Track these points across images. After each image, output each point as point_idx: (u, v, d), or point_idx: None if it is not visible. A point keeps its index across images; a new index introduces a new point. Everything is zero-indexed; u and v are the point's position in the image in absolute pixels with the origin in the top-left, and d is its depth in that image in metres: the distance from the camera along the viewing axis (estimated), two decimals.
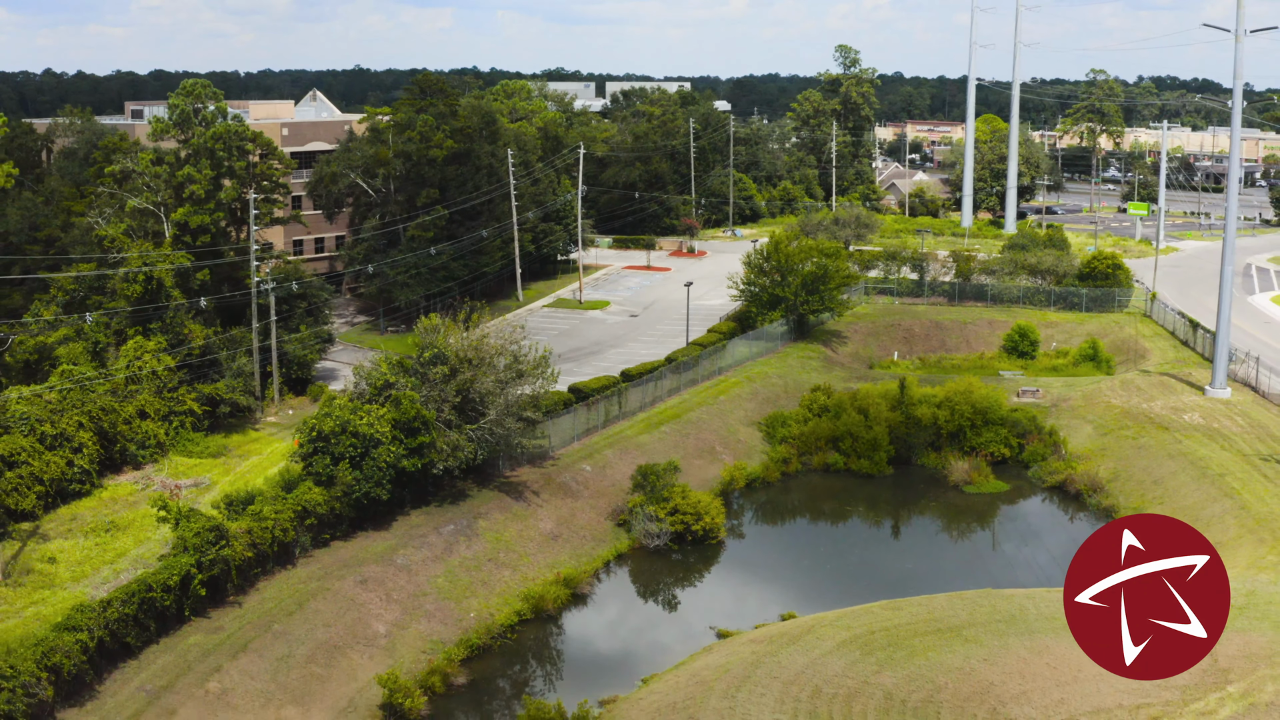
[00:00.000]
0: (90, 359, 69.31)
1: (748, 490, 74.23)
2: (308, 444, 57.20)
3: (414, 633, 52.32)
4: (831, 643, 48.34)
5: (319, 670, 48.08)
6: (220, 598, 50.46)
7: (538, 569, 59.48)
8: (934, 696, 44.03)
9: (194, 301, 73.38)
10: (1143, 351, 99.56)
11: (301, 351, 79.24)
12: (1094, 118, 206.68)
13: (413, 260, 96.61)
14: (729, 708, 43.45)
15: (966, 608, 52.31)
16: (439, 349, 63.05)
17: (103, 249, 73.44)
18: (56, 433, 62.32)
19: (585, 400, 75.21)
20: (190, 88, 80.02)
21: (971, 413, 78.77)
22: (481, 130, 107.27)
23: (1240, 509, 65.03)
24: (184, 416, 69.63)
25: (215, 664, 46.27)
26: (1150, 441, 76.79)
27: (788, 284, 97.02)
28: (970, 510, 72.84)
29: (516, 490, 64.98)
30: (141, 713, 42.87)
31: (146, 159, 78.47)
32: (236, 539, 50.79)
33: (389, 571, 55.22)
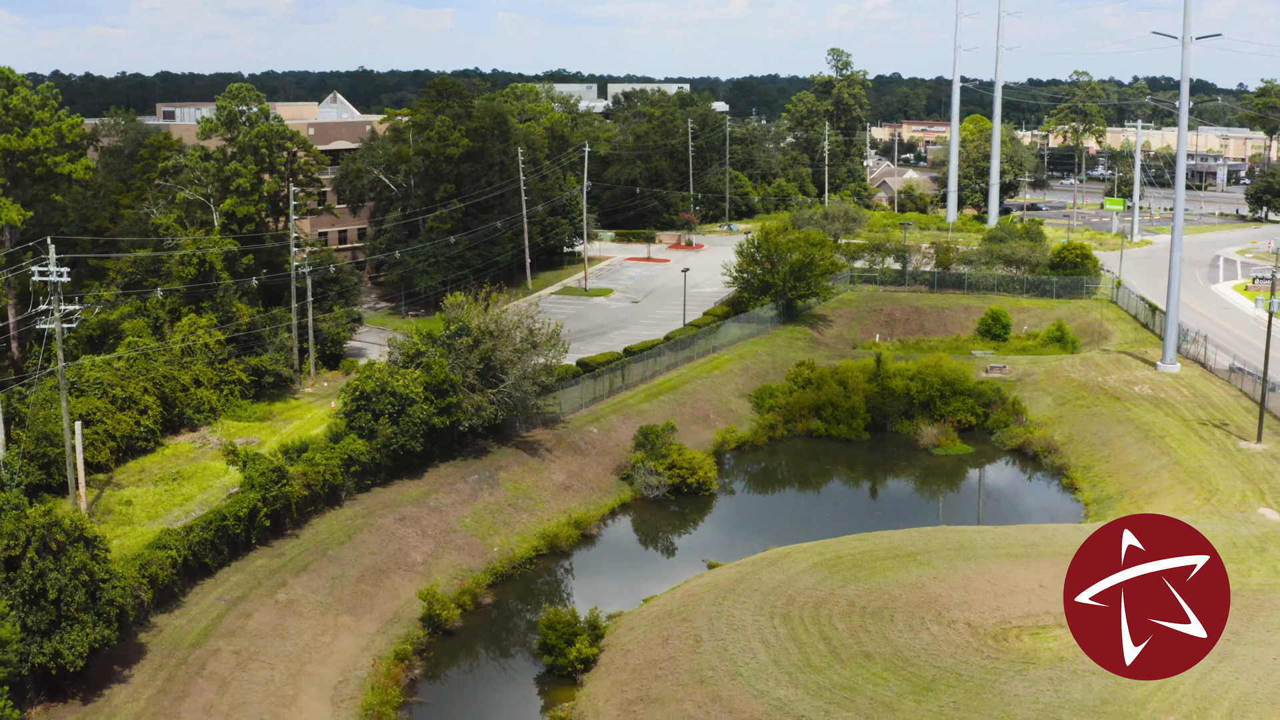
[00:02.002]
0: (151, 333, 77.50)
1: (738, 452, 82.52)
2: (351, 402, 65.46)
3: (446, 562, 60.57)
4: (804, 564, 56.62)
5: (367, 588, 56.34)
6: (281, 530, 58.67)
7: (551, 514, 67.77)
8: (889, 604, 52.26)
9: (241, 283, 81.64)
10: (1106, 333, 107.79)
11: (334, 330, 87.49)
12: (1077, 118, 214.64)
13: (431, 249, 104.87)
14: (717, 611, 51.72)
15: (922, 539, 60.64)
16: (463, 322, 71.32)
17: (158, 236, 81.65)
18: (125, 396, 70.48)
19: (592, 372, 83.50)
20: (236, 91, 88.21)
21: (941, 384, 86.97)
22: (494, 130, 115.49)
23: (1174, 464, 73.23)
24: (233, 385, 77.82)
25: (281, 580, 54.53)
26: (1102, 410, 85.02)
27: (777, 271, 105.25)
28: (937, 469, 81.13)
29: (532, 448, 73.27)
30: (222, 617, 51.09)
31: (196, 155, 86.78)
32: (294, 480, 59.04)
33: (423, 512, 63.51)
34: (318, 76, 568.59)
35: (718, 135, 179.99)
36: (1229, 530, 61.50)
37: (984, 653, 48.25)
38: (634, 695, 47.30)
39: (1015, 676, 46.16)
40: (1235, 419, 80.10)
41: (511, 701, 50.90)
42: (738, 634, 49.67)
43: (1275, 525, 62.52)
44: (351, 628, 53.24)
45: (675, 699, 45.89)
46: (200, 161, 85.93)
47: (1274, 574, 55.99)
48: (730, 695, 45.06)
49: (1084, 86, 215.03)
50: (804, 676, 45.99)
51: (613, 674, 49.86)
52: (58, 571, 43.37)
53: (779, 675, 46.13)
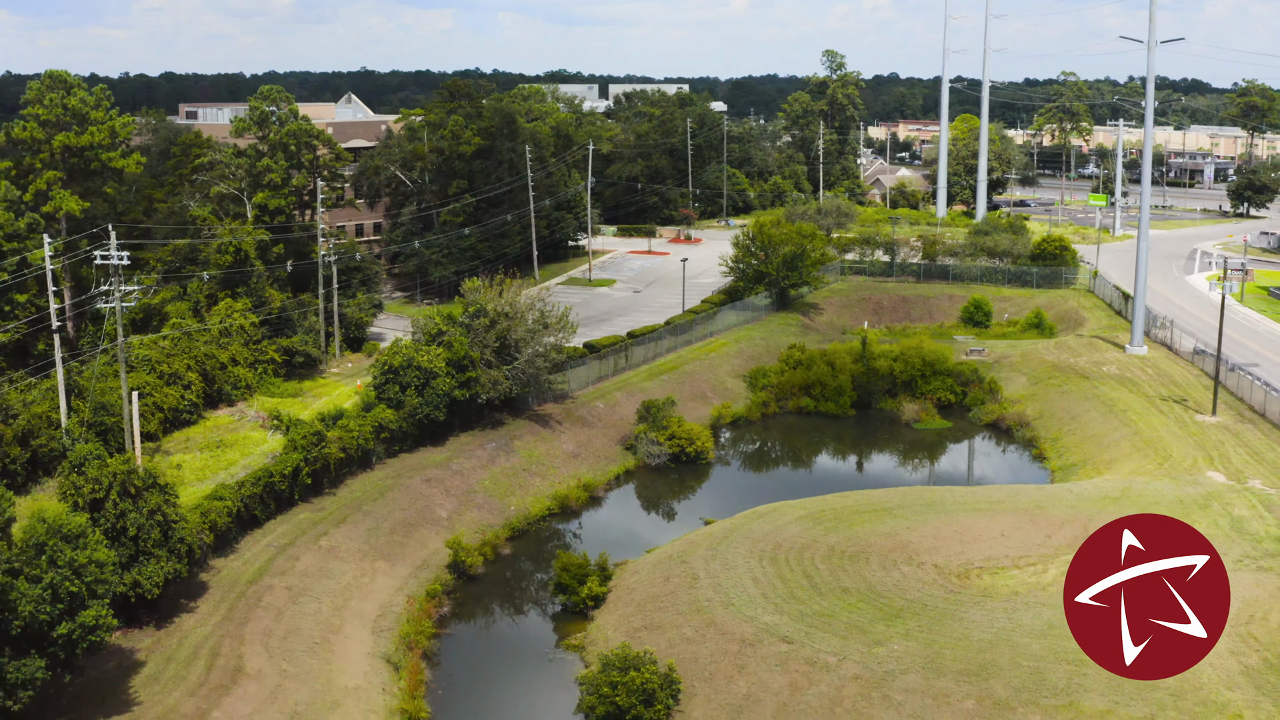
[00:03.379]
0: (192, 315, 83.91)
1: (733, 426, 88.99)
2: (381, 375, 71.88)
3: (468, 518, 66.99)
4: (791, 517, 63.09)
5: (399, 539, 62.77)
6: (320, 488, 65.08)
7: (562, 478, 74.22)
8: (865, 549, 58.71)
9: (272, 270, 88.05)
10: (1082, 320, 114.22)
11: (357, 314, 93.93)
12: (1065, 117, 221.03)
13: (445, 241, 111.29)
14: (712, 555, 58.16)
15: (898, 496, 67.12)
16: (481, 305, 77.75)
17: (195, 226, 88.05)
18: (171, 372, 76.91)
19: (598, 353, 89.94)
20: (267, 92, 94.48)
21: (922, 365, 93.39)
22: (503, 129, 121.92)
23: (1134, 434, 79.69)
24: (267, 364, 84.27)
25: (323, 530, 60.95)
26: (1072, 388, 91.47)
27: (770, 261, 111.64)
28: (918, 442, 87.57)
29: (544, 420, 79.72)
30: (273, 559, 57.49)
31: (230, 152, 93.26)
32: (331, 443, 65.45)
33: (446, 475, 69.95)
34: (320, 77, 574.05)
35: (716, 134, 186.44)
36: (1178, 490, 67.96)
37: (948, 588, 54.71)
38: (639, 624, 53.72)
39: (974, 607, 52.62)
40: (1194, 395, 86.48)
41: (530, 633, 57.32)
42: (730, 573, 56.12)
43: (1220, 486, 68.92)
44: (386, 571, 59.66)
45: (675, 625, 52.35)
46: (234, 158, 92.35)
47: (1214, 526, 62.38)
48: (723, 621, 51.51)
49: (1071, 86, 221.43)
50: (788, 606, 52.42)
51: (620, 608, 56.29)
52: (136, 512, 49.76)
53: (766, 605, 52.57)
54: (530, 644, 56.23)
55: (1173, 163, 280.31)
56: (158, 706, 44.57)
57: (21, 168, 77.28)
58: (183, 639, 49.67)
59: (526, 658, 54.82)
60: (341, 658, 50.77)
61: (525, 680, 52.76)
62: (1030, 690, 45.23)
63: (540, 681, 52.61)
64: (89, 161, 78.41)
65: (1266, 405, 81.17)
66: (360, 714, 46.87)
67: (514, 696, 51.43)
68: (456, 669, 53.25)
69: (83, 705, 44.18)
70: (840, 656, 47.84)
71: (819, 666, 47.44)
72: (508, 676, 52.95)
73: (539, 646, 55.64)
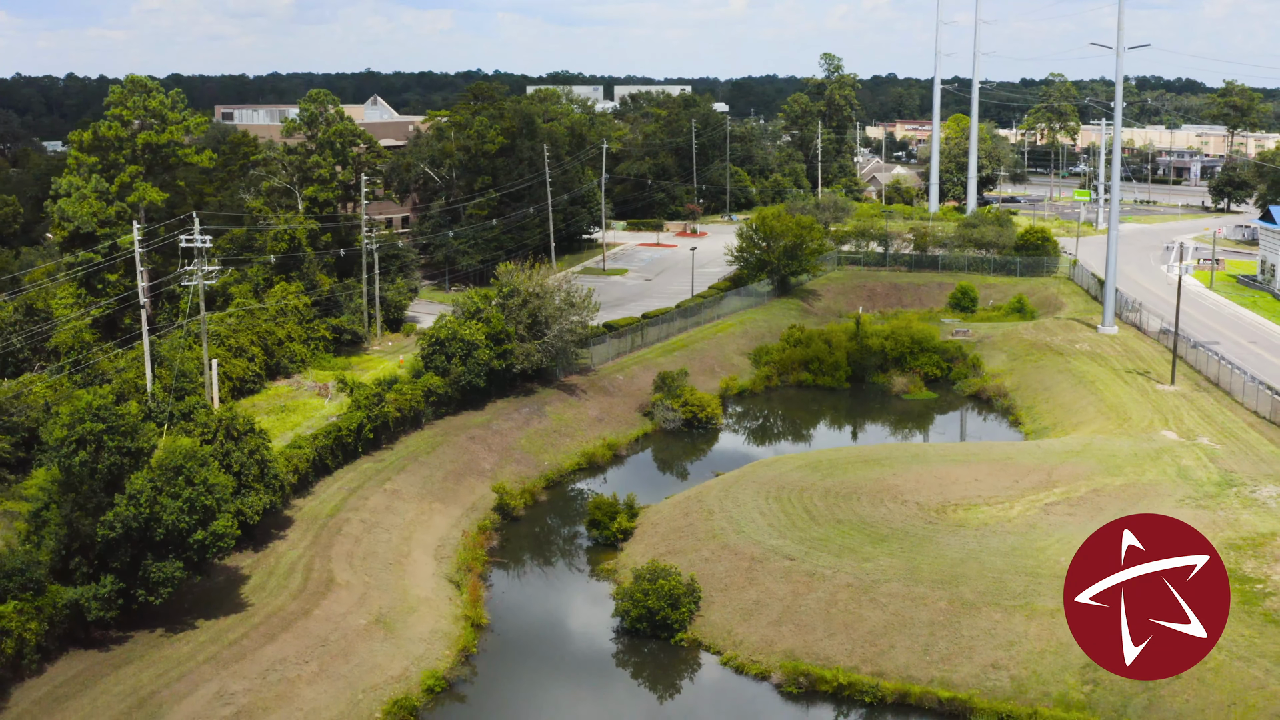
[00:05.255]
0: (253, 296, 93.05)
1: (739, 398, 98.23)
2: (428, 346, 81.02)
3: (508, 470, 76.13)
4: (791, 466, 72.29)
5: (451, 486, 71.92)
6: (379, 444, 74.20)
7: (589, 438, 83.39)
8: (857, 490, 67.87)
9: (321, 256, 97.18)
10: (1060, 305, 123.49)
11: (396, 298, 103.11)
12: (1052, 116, 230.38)
13: (472, 233, 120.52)
14: (724, 495, 67.34)
15: (886, 450, 76.34)
16: (515, 285, 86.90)
17: (251, 216, 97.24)
18: (237, 346, 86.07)
19: (616, 332, 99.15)
20: (315, 95, 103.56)
21: (911, 343, 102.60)
22: (522, 129, 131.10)
23: (1099, 401, 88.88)
24: (319, 341, 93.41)
25: (386, 476, 70.11)
26: (1047, 363, 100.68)
27: (772, 251, 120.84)
28: (906, 411, 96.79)
29: (570, 389, 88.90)
30: (346, 499, 66.60)
31: (282, 149, 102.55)
32: (389, 403, 74.60)
33: (488, 434, 79.12)
34: (323, 78, 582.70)
35: (719, 134, 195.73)
36: (1134, 446, 77.07)
37: (927, 520, 63.89)
38: (663, 550, 62.85)
39: (949, 534, 61.78)
40: (1157, 369, 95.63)
41: (568, 562, 66.50)
42: (740, 508, 65.31)
43: (1172, 443, 78.03)
44: (442, 511, 68.82)
45: (694, 550, 61.53)
46: (285, 154, 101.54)
47: (1162, 474, 71.49)
48: (735, 544, 60.70)
49: (1058, 87, 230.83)
50: (790, 532, 61.61)
51: (645, 540, 65.44)
52: (239, 451, 58.87)
53: (771, 532, 61.76)
54: (569, 570, 65.40)
55: (1161, 161, 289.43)
56: (268, 607, 53.71)
57: (106, 162, 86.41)
58: (279, 558, 58.80)
59: (566, 580, 64.03)
60: (412, 576, 59.92)
61: (567, 597, 61.95)
62: (993, 595, 54.33)
63: (580, 598, 61.77)
64: (167, 157, 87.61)
65: (1220, 376, 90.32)
66: (432, 617, 55.98)
67: (558, 608, 60.64)
68: (507, 588, 62.41)
69: (205, 606, 53.28)
70: (835, 570, 57.00)
71: (817, 577, 56.60)
72: (551, 594, 62.15)
73: (577, 571, 64.80)
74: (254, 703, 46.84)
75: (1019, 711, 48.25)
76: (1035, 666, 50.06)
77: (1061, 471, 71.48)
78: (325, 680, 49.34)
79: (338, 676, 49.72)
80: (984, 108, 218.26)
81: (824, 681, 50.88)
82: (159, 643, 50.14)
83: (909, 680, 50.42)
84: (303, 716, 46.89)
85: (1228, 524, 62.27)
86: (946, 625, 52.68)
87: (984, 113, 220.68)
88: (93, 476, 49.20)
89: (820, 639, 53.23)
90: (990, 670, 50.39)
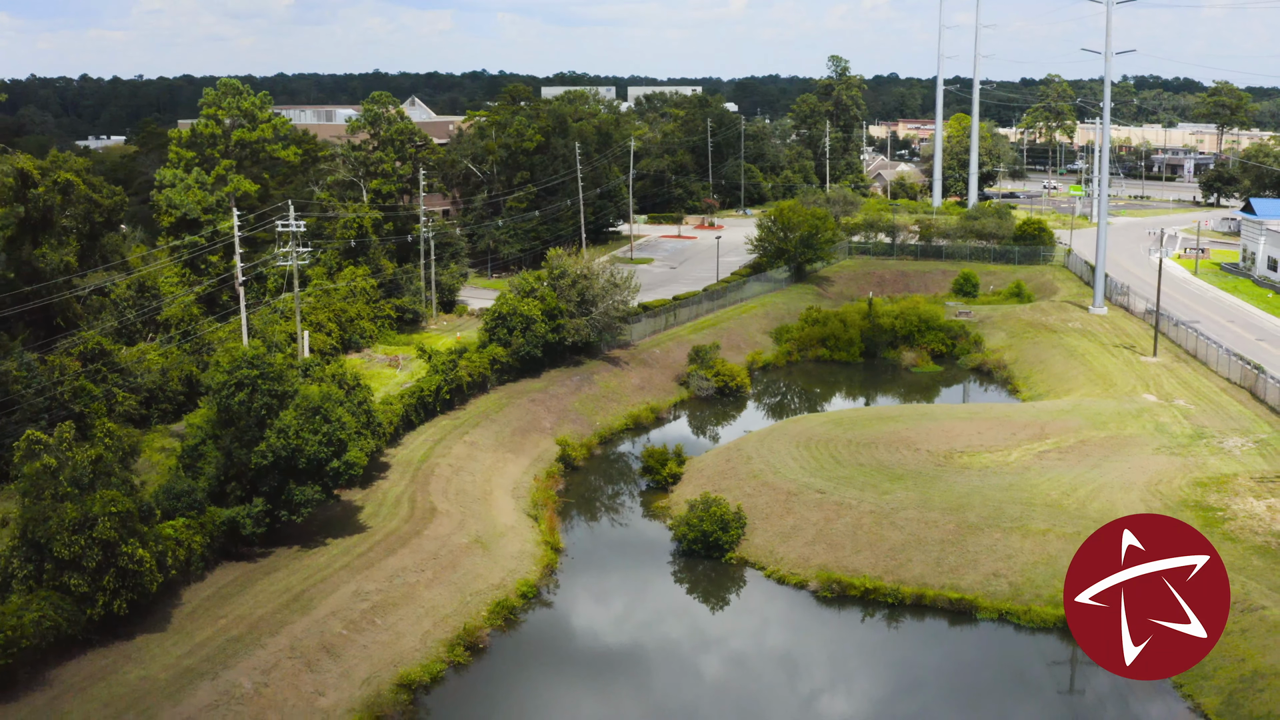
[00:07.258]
0: (327, 278, 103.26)
1: (763, 371, 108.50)
2: (492, 320, 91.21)
3: (566, 429, 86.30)
4: (817, 422, 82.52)
5: (518, 440, 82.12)
6: (453, 405, 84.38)
7: (634, 403, 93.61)
8: (875, 441, 78.07)
9: (384, 243, 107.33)
10: (1055, 289, 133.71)
11: (450, 281, 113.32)
12: (1049, 115, 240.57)
13: (512, 224, 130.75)
14: (760, 444, 77.56)
15: (899, 409, 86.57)
16: (564, 268, 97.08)
17: (322, 208, 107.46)
18: (317, 321, 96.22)
19: (651, 312, 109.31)
20: (378, 97, 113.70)
21: (918, 321, 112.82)
22: (556, 128, 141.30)
23: (1088, 370, 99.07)
24: (384, 319, 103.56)
25: (464, 431, 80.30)
26: (1042, 339, 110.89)
27: (790, 240, 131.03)
28: (915, 382, 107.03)
29: (614, 361, 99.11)
30: (433, 449, 76.75)
31: (347, 147, 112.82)
32: (461, 369, 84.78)
33: (545, 397, 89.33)
34: (329, 79, 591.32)
35: (733, 132, 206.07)
36: (1118, 406, 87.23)
37: (936, 463, 74.09)
38: (709, 489, 72.93)
39: (955, 474, 71.98)
40: (1141, 344, 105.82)
41: (625, 503, 76.70)
42: (775, 455, 75.52)
43: (1152, 404, 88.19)
44: (513, 461, 79.02)
45: (738, 487, 71.74)
46: (351, 151, 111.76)
47: (1141, 429, 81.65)
48: (773, 482, 70.92)
49: (1055, 87, 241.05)
50: (820, 473, 71.81)
51: (692, 482, 75.62)
52: (349, 401, 68.95)
53: (803, 472, 71.97)
54: (627, 508, 75.62)
55: (1156, 158, 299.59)
56: (383, 529, 63.88)
57: (203, 157, 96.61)
58: (385, 493, 68.98)
59: (626, 516, 74.25)
60: (496, 509, 70.14)
61: (627, 529, 72.15)
62: (993, 519, 64.49)
63: (639, 529, 71.97)
64: (257, 152, 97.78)
65: (1198, 349, 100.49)
66: (519, 541, 66.18)
67: (621, 537, 70.84)
68: (575, 522, 72.62)
69: (332, 528, 63.42)
70: (859, 500, 67.21)
71: (844, 506, 66.81)
72: (614, 526, 72.36)
73: (634, 510, 75.00)
74: (385, 600, 56.99)
75: (1016, 609, 58.36)
76: (1029, 574, 60.20)
77: (1053, 426, 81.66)
78: (440, 585, 59.52)
79: (449, 583, 59.91)
80: (984, 107, 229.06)
81: (853, 588, 61.02)
82: (299, 555, 60.28)
83: (924, 586, 60.55)
84: (425, 611, 57.06)
85: (1196, 467, 72.53)
86: (955, 543, 62.82)
87: (984, 112, 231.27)
88: (248, 414, 59.36)
89: (849, 555, 63.39)
90: (992, 578, 60.52)
